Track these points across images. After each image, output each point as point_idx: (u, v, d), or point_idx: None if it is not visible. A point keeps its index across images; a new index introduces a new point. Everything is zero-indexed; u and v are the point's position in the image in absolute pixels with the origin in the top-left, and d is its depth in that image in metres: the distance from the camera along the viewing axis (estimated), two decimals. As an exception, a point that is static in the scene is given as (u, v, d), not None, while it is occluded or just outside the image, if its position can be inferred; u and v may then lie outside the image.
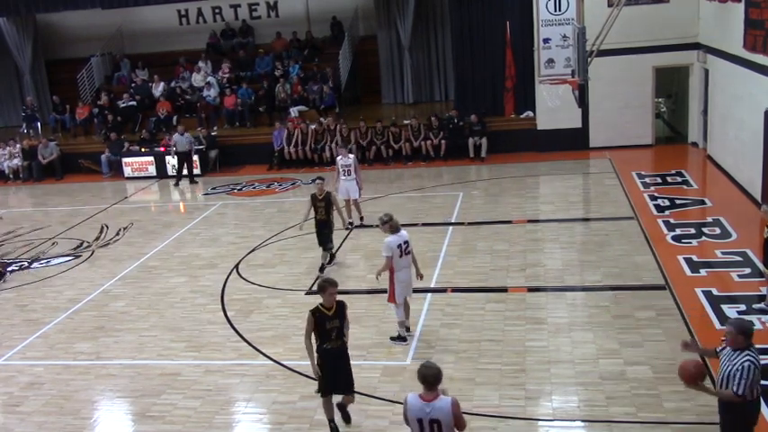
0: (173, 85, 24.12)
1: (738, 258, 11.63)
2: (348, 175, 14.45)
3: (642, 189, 15.88)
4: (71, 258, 14.56)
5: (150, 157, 21.12)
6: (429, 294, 11.15)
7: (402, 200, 16.66)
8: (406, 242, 9.58)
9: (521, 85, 20.41)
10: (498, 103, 20.84)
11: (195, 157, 20.45)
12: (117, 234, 15.91)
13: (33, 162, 22.04)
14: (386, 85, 24.45)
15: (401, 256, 9.51)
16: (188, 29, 26.13)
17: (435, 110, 21.69)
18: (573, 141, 19.57)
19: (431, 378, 5.67)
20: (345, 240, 14.08)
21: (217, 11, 25.99)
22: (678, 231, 13.12)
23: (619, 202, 15.18)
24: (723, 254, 11.89)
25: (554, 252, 12.70)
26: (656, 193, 15.45)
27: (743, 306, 9.98)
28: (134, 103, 23.82)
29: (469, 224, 14.55)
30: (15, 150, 22.31)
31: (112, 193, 20.02)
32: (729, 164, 16.15)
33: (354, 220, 14.83)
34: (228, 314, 11.20)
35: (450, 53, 22.59)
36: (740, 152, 15.19)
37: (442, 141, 19.96)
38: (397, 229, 9.56)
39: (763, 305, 9.83)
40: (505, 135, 20.10)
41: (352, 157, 14.73)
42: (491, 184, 17.59)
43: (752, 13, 13.75)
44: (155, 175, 21.06)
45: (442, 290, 11.39)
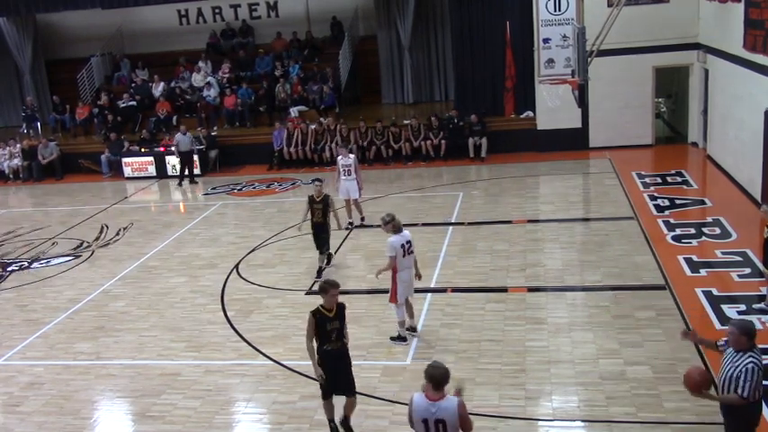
0: (173, 85, 24.11)
1: (738, 258, 11.63)
2: (348, 174, 14.46)
3: (642, 189, 15.88)
4: (71, 258, 14.56)
5: (150, 158, 21.13)
6: (429, 294, 11.15)
7: (402, 200, 16.66)
8: (409, 242, 9.62)
9: (521, 85, 20.42)
10: (498, 103, 20.84)
11: (195, 157, 20.45)
12: (117, 234, 15.91)
13: (33, 162, 22.05)
14: (386, 85, 24.45)
15: (404, 256, 9.54)
16: (188, 29, 26.13)
17: (435, 110, 21.69)
18: (573, 141, 19.58)
19: (438, 377, 5.65)
20: (345, 240, 14.09)
21: (217, 11, 25.98)
22: (678, 231, 13.12)
23: (619, 202, 15.18)
24: (723, 254, 11.89)
25: (554, 252, 12.70)
26: (655, 193, 15.45)
27: (743, 306, 9.98)
28: (134, 103, 23.82)
29: (469, 224, 14.55)
30: (15, 150, 22.32)
31: (112, 193, 20.02)
32: (729, 164, 16.15)
33: (355, 220, 14.84)
34: (228, 314, 11.20)
35: (451, 53, 22.60)
36: (740, 152, 15.19)
37: (442, 141, 19.96)
38: (399, 229, 9.57)
39: (763, 305, 9.83)
40: (505, 135, 20.11)
41: (352, 156, 14.73)
42: (491, 184, 17.59)
43: (752, 13, 13.75)
44: (155, 175, 21.06)
45: (442, 290, 11.39)
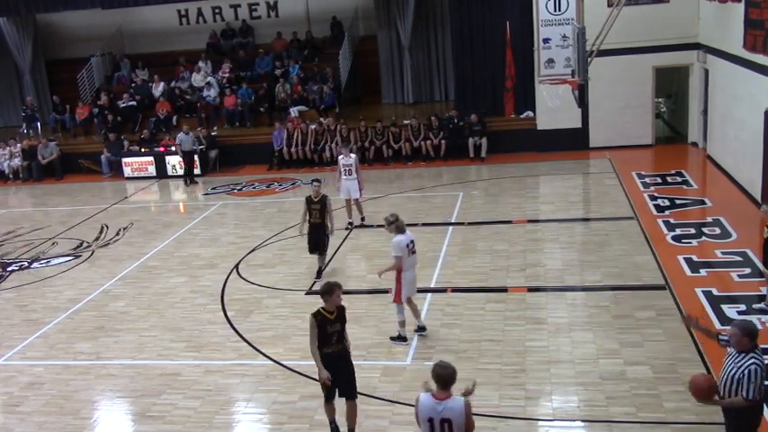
0: (173, 85, 24.11)
1: (738, 258, 11.63)
2: (350, 174, 14.46)
3: (642, 189, 15.88)
4: (71, 258, 14.56)
5: (150, 158, 21.13)
6: (429, 294, 11.14)
7: (402, 200, 16.65)
8: (412, 241, 9.67)
9: (521, 85, 20.41)
10: (498, 103, 20.84)
11: (195, 157, 20.42)
12: (117, 234, 15.90)
13: (33, 162, 22.05)
14: (386, 85, 24.44)
15: (408, 256, 9.57)
16: (188, 29, 26.12)
17: (435, 110, 21.68)
18: (573, 141, 19.57)
19: (446, 377, 5.65)
20: (345, 240, 14.09)
21: (217, 11, 25.98)
22: (678, 231, 13.12)
23: (619, 202, 15.18)
24: (723, 254, 11.89)
25: (554, 252, 12.70)
26: (656, 193, 15.45)
27: (743, 306, 9.98)
28: (134, 103, 23.81)
29: (469, 224, 14.55)
30: (15, 150, 22.32)
31: (112, 193, 20.02)
32: (729, 164, 16.15)
33: (355, 220, 14.84)
34: (228, 314, 11.20)
35: (451, 53, 22.59)
36: (740, 152, 15.18)
37: (442, 141, 19.95)
38: (402, 229, 9.61)
39: (763, 305, 9.83)
40: (505, 135, 20.10)
41: (353, 156, 14.73)
42: (491, 184, 17.59)
43: (752, 13, 13.75)
44: (155, 175, 21.06)
45: (442, 290, 11.38)
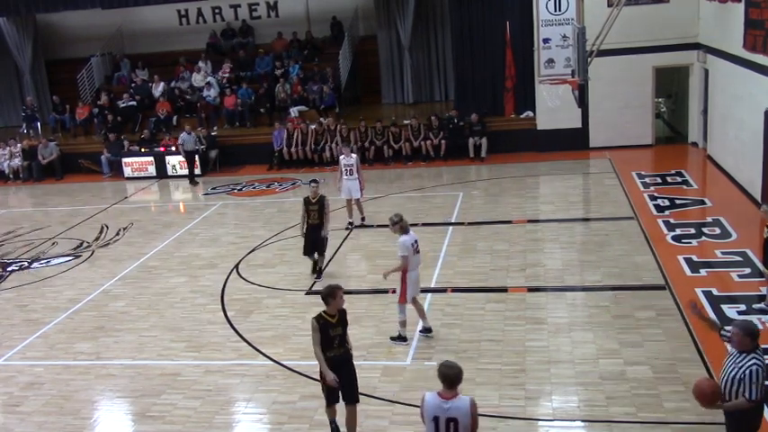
0: (173, 85, 24.10)
1: (738, 258, 11.63)
2: (351, 174, 14.47)
3: (642, 189, 15.88)
4: (71, 258, 14.55)
5: (150, 158, 21.13)
6: (429, 294, 11.13)
7: (402, 200, 16.65)
8: (416, 241, 9.69)
9: (521, 85, 20.41)
10: (498, 103, 20.83)
11: (195, 157, 20.43)
12: (117, 234, 15.90)
13: (33, 162, 22.05)
14: (386, 85, 24.43)
15: (413, 255, 9.59)
16: (188, 29, 26.11)
17: (435, 110, 21.68)
18: (573, 141, 19.57)
19: (452, 377, 5.66)
20: (345, 240, 14.09)
21: (217, 11, 25.97)
22: (678, 231, 13.12)
23: (619, 202, 15.18)
24: (723, 254, 11.89)
25: (554, 252, 12.70)
26: (655, 193, 15.45)
27: (743, 306, 9.98)
28: (134, 103, 23.81)
29: (469, 224, 14.55)
30: (15, 150, 22.31)
31: (112, 193, 20.02)
32: (729, 164, 16.15)
33: (355, 220, 14.85)
34: (228, 314, 11.19)
35: (451, 53, 22.58)
36: (740, 152, 15.18)
37: (442, 141, 19.95)
38: (407, 229, 9.62)
39: (763, 305, 9.83)
40: (505, 135, 20.10)
41: (354, 156, 14.73)
42: (491, 184, 17.59)
43: (752, 13, 13.75)
44: (155, 175, 21.06)
45: (442, 290, 11.38)
